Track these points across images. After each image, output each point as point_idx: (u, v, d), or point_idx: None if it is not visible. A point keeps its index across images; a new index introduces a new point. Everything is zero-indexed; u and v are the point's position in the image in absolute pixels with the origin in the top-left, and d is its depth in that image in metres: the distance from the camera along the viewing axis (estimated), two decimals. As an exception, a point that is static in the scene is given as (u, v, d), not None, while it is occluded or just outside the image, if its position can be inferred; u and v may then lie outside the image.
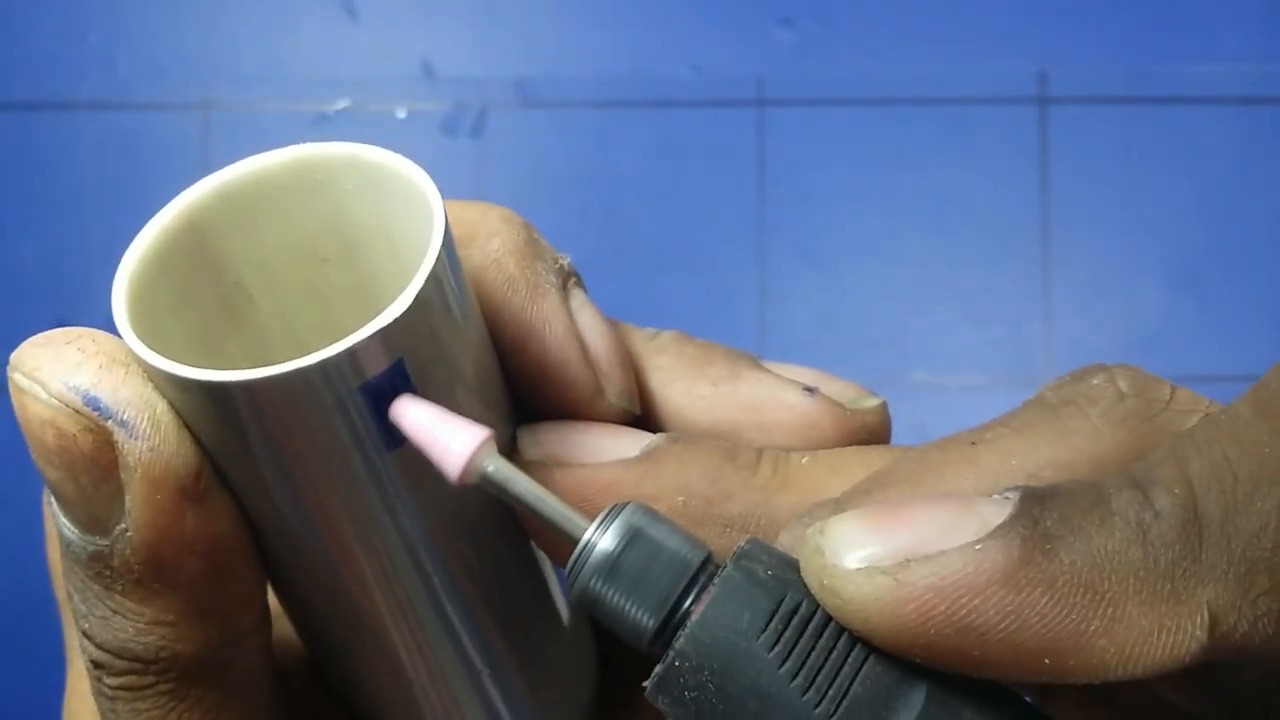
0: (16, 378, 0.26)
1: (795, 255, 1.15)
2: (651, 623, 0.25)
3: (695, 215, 1.15)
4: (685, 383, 0.32)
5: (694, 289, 1.14)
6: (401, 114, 1.15)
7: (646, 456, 0.30)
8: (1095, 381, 0.28)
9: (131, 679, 0.27)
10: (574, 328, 0.31)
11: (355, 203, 0.29)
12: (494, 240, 0.31)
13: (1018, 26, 1.16)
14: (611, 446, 0.30)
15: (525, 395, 0.31)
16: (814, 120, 1.15)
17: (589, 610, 0.26)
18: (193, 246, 0.29)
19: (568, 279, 0.31)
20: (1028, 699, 0.26)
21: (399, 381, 0.26)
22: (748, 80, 1.15)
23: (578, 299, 0.31)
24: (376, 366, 0.25)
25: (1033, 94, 1.15)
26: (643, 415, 0.32)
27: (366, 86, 1.16)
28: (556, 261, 0.31)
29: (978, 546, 0.24)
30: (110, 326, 0.27)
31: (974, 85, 1.15)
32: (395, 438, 0.26)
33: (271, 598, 0.30)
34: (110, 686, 0.28)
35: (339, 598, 0.29)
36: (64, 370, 0.25)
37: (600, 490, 0.29)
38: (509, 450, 0.30)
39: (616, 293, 1.12)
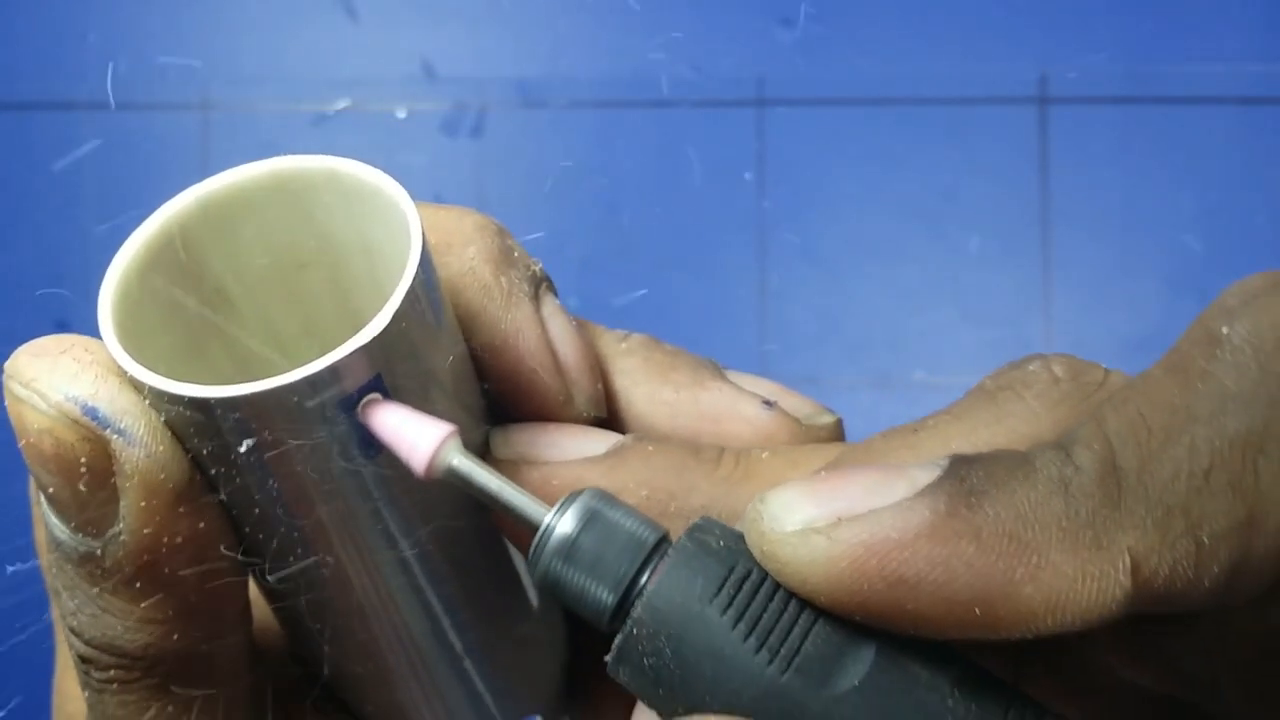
0: (14, 387, 0.26)
1: (795, 255, 1.15)
2: (611, 599, 0.26)
3: (695, 215, 1.15)
4: (649, 387, 0.33)
5: (694, 289, 1.14)
6: (401, 114, 1.16)
7: (612, 453, 0.31)
8: (1031, 368, 0.30)
9: (119, 673, 0.28)
10: (545, 337, 0.32)
11: (333, 214, 0.30)
12: (469, 249, 0.31)
13: (1018, 26, 1.16)
14: (579, 445, 0.31)
15: (499, 399, 0.32)
16: (814, 120, 1.15)
17: (552, 592, 0.27)
18: (175, 258, 0.29)
19: (539, 285, 0.32)
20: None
21: (378, 391, 0.27)
22: (748, 80, 1.15)
23: (549, 306, 0.32)
24: (357, 380, 0.26)
25: (1033, 94, 1.16)
26: (608, 417, 0.33)
27: (366, 86, 1.16)
28: (529, 268, 0.32)
29: (906, 503, 0.25)
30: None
31: (974, 85, 1.16)
32: (376, 445, 0.27)
33: (251, 585, 0.31)
34: (98, 680, 0.28)
35: (323, 595, 0.30)
36: (62, 380, 0.26)
37: (566, 486, 0.30)
38: (483, 451, 0.31)
39: (616, 293, 1.12)
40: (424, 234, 0.28)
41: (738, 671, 0.25)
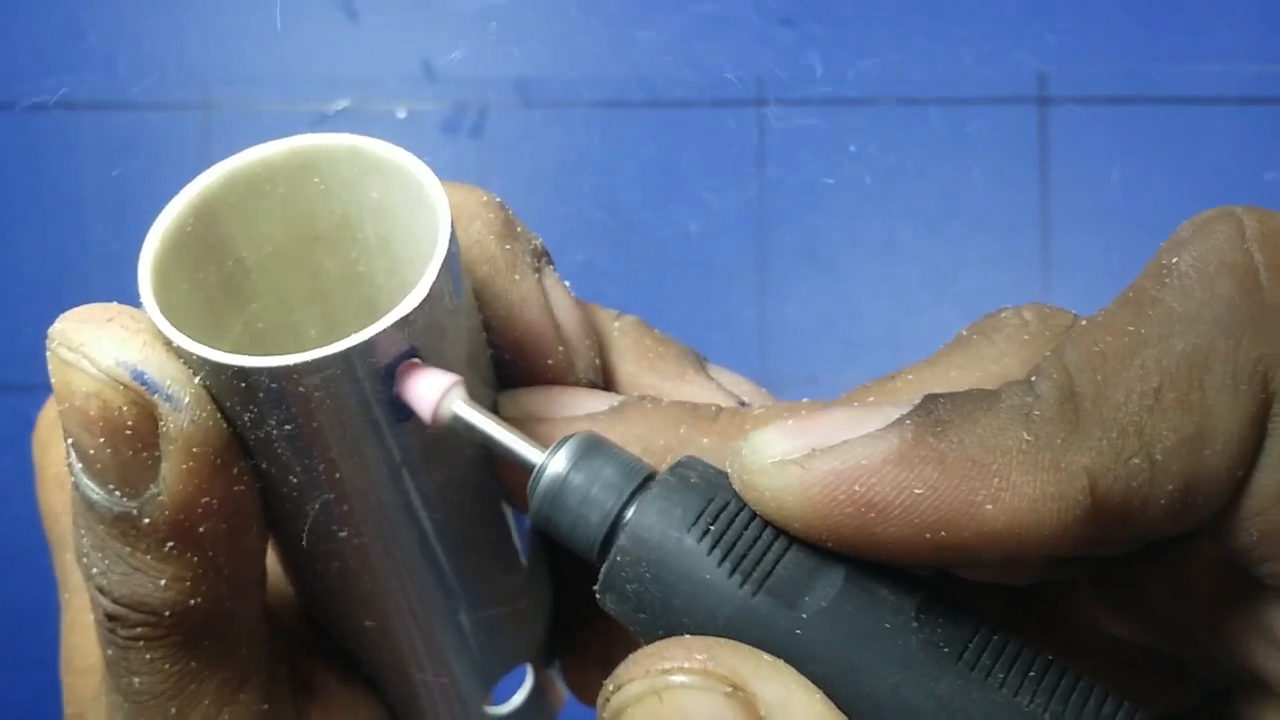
0: (62, 352, 0.27)
1: (795, 255, 1.15)
2: (599, 532, 0.28)
3: (695, 215, 1.15)
4: (634, 369, 0.35)
5: (694, 289, 1.14)
6: (401, 114, 1.16)
7: (613, 410, 0.32)
8: (1003, 315, 0.32)
9: (146, 630, 0.29)
10: (548, 306, 0.33)
11: (352, 189, 0.31)
12: (475, 223, 0.33)
13: (1018, 26, 1.16)
14: (581, 404, 0.33)
15: (505, 366, 0.34)
16: (814, 120, 1.15)
17: (545, 529, 0.28)
18: (203, 231, 0.30)
19: (541, 258, 0.34)
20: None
21: (412, 359, 0.28)
22: (748, 80, 1.15)
23: (550, 278, 0.34)
24: (392, 351, 0.28)
25: (1033, 94, 1.16)
26: (604, 386, 0.35)
27: (366, 86, 1.16)
28: (530, 242, 0.34)
29: (876, 434, 0.26)
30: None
31: (974, 85, 1.16)
32: (405, 412, 0.28)
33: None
34: (124, 638, 0.29)
35: (343, 554, 0.31)
36: (112, 347, 0.27)
37: None
38: (493, 412, 0.33)
39: (617, 292, 1.12)
40: (450, 211, 0.29)
41: (713, 593, 0.26)
